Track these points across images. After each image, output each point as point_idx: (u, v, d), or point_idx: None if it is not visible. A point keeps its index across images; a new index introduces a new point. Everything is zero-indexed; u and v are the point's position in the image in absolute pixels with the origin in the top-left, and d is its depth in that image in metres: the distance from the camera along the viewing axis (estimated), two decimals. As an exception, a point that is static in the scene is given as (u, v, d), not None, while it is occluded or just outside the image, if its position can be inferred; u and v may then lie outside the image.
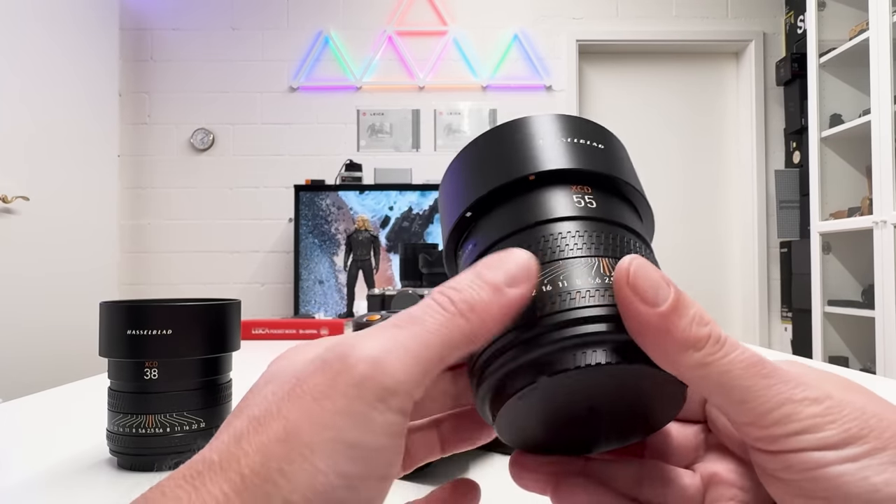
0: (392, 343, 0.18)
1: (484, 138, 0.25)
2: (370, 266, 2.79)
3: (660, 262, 0.22)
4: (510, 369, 0.19)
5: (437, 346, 0.18)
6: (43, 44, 2.32)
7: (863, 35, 2.30)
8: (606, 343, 0.19)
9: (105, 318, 0.44)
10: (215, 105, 3.17)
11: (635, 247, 0.22)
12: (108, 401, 0.45)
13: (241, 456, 0.17)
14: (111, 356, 0.44)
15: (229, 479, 0.16)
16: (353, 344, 0.18)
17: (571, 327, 0.19)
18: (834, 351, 2.55)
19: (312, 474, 0.16)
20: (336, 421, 0.17)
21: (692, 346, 0.18)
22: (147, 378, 0.43)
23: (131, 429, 0.43)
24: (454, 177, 0.25)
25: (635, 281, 0.19)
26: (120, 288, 3.01)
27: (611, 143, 0.25)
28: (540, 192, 0.22)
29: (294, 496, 0.16)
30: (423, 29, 3.18)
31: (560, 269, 0.20)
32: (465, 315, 0.19)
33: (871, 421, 0.18)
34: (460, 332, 0.18)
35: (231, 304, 0.47)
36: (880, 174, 2.20)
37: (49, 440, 0.54)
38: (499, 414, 0.20)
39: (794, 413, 0.18)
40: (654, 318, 0.18)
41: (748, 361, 0.18)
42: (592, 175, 0.23)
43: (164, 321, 0.43)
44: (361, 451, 0.17)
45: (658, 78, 3.33)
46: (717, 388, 0.18)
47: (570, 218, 0.21)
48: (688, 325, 0.18)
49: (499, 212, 0.23)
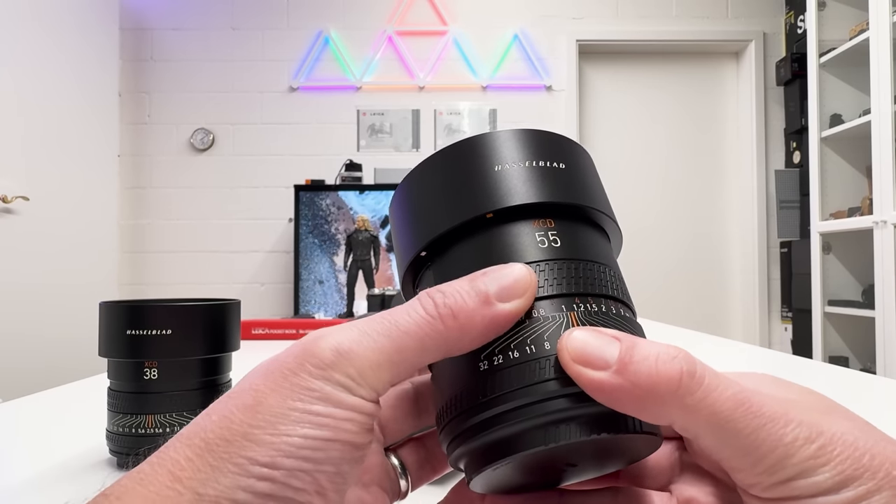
0: (362, 336, 0.18)
1: (436, 161, 0.23)
2: (370, 266, 2.79)
3: (659, 263, 0.22)
4: (483, 443, 0.19)
5: (410, 345, 0.18)
6: (43, 44, 2.32)
7: (863, 35, 2.30)
8: (576, 419, 0.18)
9: (105, 317, 0.44)
10: (215, 105, 3.17)
11: (602, 281, 0.21)
12: (107, 401, 0.45)
13: (206, 423, 0.17)
14: (111, 356, 0.44)
15: (192, 445, 0.17)
16: (327, 334, 0.18)
17: (543, 403, 0.18)
18: (834, 351, 2.55)
19: (277, 436, 0.16)
20: (302, 395, 0.17)
21: (666, 388, 0.17)
22: (147, 378, 0.43)
23: (131, 429, 0.43)
24: (406, 205, 0.24)
25: (576, 352, 0.18)
26: (120, 288, 3.01)
27: (573, 160, 0.23)
28: (499, 232, 0.21)
29: (256, 454, 0.16)
30: (423, 29, 3.18)
31: (526, 332, 0.19)
32: (445, 320, 0.18)
33: (864, 459, 0.17)
34: (437, 335, 0.18)
35: (231, 304, 0.47)
36: (880, 174, 2.20)
37: (49, 440, 0.54)
38: (472, 480, 0.20)
39: (786, 457, 0.17)
40: (612, 379, 0.17)
41: (735, 399, 0.17)
42: (555, 206, 0.22)
43: (163, 321, 0.43)
44: (329, 419, 0.17)
45: (658, 78, 3.33)
46: (706, 432, 0.17)
47: (534, 262, 0.20)
48: (652, 367, 0.17)
49: (455, 252, 0.22)
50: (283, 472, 0.16)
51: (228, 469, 0.16)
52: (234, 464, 0.16)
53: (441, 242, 0.22)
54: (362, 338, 0.18)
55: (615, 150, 3.29)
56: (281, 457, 0.16)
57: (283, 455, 0.16)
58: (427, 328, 0.18)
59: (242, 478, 0.16)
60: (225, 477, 0.16)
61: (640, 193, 3.28)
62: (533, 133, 0.23)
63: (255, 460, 0.16)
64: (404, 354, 0.18)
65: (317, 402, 0.17)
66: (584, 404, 0.18)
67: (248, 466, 0.16)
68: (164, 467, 0.16)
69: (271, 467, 0.16)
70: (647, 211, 3.26)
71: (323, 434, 0.17)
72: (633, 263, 3.13)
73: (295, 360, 0.18)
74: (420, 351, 0.18)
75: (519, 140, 0.23)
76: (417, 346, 0.18)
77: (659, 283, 3.21)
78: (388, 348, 0.18)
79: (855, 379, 0.72)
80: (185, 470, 0.16)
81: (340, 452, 0.17)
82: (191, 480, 0.16)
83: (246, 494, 0.16)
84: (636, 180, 3.28)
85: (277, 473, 0.16)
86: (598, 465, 0.22)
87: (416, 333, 0.18)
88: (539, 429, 0.18)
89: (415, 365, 0.19)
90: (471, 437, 0.19)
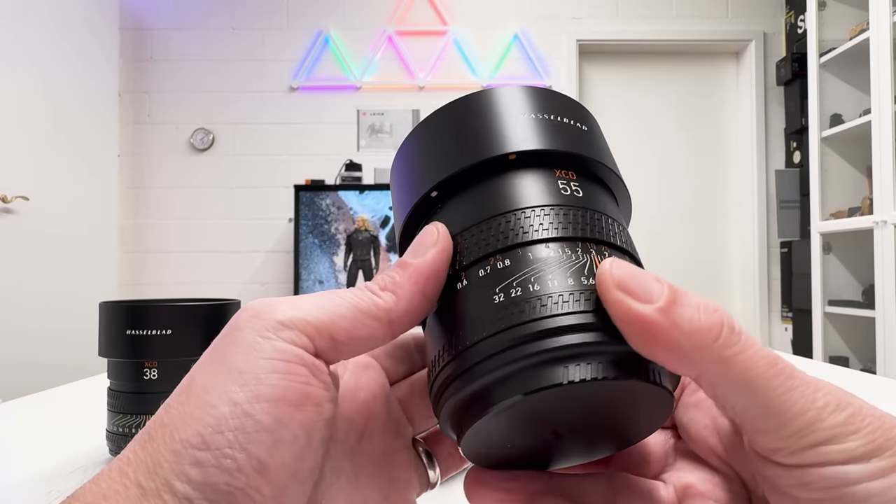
0: (299, 298, 0.19)
1: (447, 111, 0.22)
2: (370, 266, 2.79)
3: (659, 262, 0.22)
4: (482, 385, 0.17)
5: (346, 307, 0.18)
6: (42, 44, 2.32)
7: (863, 35, 2.30)
8: (596, 355, 0.16)
9: (105, 318, 0.44)
10: (215, 105, 3.17)
11: (622, 239, 0.20)
12: (107, 401, 0.45)
13: (154, 417, 0.17)
14: (111, 356, 0.44)
15: (140, 438, 0.17)
16: (264, 298, 0.19)
17: (553, 337, 0.16)
18: (834, 351, 2.55)
19: (206, 410, 0.16)
20: (227, 354, 0.17)
21: (707, 337, 0.16)
22: (147, 378, 0.43)
23: (131, 429, 0.43)
24: (411, 155, 0.22)
25: (621, 280, 0.16)
26: (120, 288, 3.01)
27: (591, 122, 0.22)
28: (520, 174, 0.20)
29: (187, 434, 0.16)
30: (423, 29, 3.18)
31: (540, 269, 0.17)
32: (376, 292, 0.19)
33: (893, 431, 0.16)
34: (371, 301, 0.19)
35: (231, 304, 0.47)
36: (880, 174, 2.20)
37: (49, 440, 0.54)
38: (467, 433, 0.18)
39: (817, 420, 0.16)
40: (654, 315, 0.16)
41: (769, 359, 0.16)
42: (577, 159, 0.21)
43: (163, 321, 0.43)
44: (250, 375, 0.16)
45: (658, 78, 3.33)
46: (739, 388, 0.16)
47: (555, 205, 0.19)
48: (695, 313, 0.16)
49: (471, 193, 0.20)
50: (215, 452, 0.15)
51: (165, 457, 0.16)
52: (170, 450, 0.16)
53: (454, 182, 0.20)
54: (297, 298, 0.19)
55: (615, 149, 3.26)
56: (210, 433, 0.15)
57: (212, 430, 0.15)
58: (361, 295, 0.19)
59: (177, 465, 0.15)
60: (162, 467, 0.15)
61: (639, 193, 3.28)
62: (557, 93, 0.22)
63: (188, 442, 0.15)
64: (339, 311, 0.18)
65: (240, 356, 0.17)
66: (608, 343, 0.16)
67: (181, 451, 0.15)
68: (116, 464, 0.16)
69: (202, 448, 0.15)
70: (647, 211, 3.26)
71: (245, 395, 0.16)
72: (633, 263, 3.12)
73: (224, 331, 0.18)
74: (356, 312, 0.19)
75: (537, 95, 0.22)
76: (352, 307, 0.19)
77: (659, 283, 3.20)
78: (322, 302, 0.18)
79: (855, 379, 0.72)
80: (131, 464, 0.16)
81: (272, 416, 0.16)
82: (136, 474, 0.16)
83: (182, 484, 0.15)
84: (636, 180, 3.28)
85: (209, 455, 0.15)
86: (588, 443, 0.20)
87: (350, 298, 0.19)
88: (551, 364, 0.16)
89: (354, 324, 0.18)
90: (466, 382, 0.17)
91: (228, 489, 0.15)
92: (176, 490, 0.15)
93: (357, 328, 0.18)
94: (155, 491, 0.15)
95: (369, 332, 0.19)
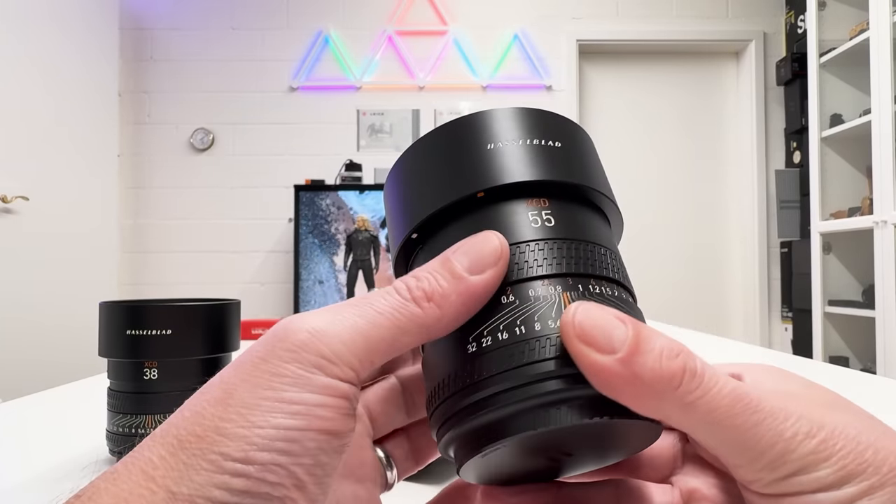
0: (336, 317, 0.18)
1: (428, 141, 0.22)
2: (370, 266, 2.79)
3: (659, 262, 0.21)
4: (473, 427, 0.18)
5: (387, 327, 0.18)
6: (42, 44, 2.32)
7: (863, 35, 2.30)
8: (572, 401, 0.17)
9: (105, 318, 0.44)
10: (215, 105, 3.17)
11: (601, 263, 0.20)
12: (107, 401, 0.45)
13: (179, 421, 0.17)
14: (111, 356, 0.44)
15: (166, 444, 0.16)
16: (297, 318, 0.18)
17: (534, 384, 0.17)
18: (834, 351, 2.55)
19: (249, 429, 0.16)
20: (273, 382, 0.17)
21: (667, 386, 0.16)
22: (147, 378, 0.43)
23: (131, 429, 0.43)
24: (397, 187, 0.23)
25: (583, 330, 0.17)
26: (120, 288, 3.01)
27: (570, 139, 0.22)
28: (490, 211, 0.20)
29: (229, 449, 0.16)
30: (423, 29, 3.18)
31: (517, 312, 0.18)
32: (420, 303, 0.18)
33: (867, 454, 0.16)
34: (412, 318, 0.18)
35: (231, 304, 0.47)
36: (880, 174, 2.20)
37: (49, 440, 0.54)
38: (462, 467, 0.19)
39: (786, 452, 0.16)
40: (615, 367, 0.16)
41: (732, 395, 0.17)
42: (548, 185, 0.21)
43: (163, 321, 0.43)
44: (301, 406, 0.16)
45: (658, 78, 3.33)
46: (703, 429, 0.17)
47: (525, 242, 0.19)
48: (656, 361, 0.16)
49: (446, 234, 0.21)
50: (258, 466, 0.16)
51: (202, 466, 0.15)
52: (207, 461, 0.16)
53: (432, 224, 0.21)
54: (335, 317, 0.18)
55: (615, 149, 3.29)
56: (255, 451, 0.16)
57: (257, 449, 0.16)
58: (403, 311, 0.18)
59: (217, 475, 0.15)
60: (198, 474, 0.15)
61: (639, 193, 3.28)
62: (528, 111, 0.22)
63: (229, 455, 0.16)
64: (380, 333, 0.18)
65: (288, 388, 0.17)
66: (579, 386, 0.17)
67: (221, 462, 0.15)
68: (137, 466, 0.16)
69: (245, 462, 0.15)
70: (647, 211, 3.26)
71: (296, 423, 0.16)
72: (632, 263, 3.12)
73: (265, 348, 0.17)
74: (396, 331, 0.18)
75: (513, 118, 0.22)
76: (392, 326, 0.18)
77: (659, 282, 3.21)
78: (363, 327, 0.18)
79: (855, 379, 0.72)
80: (158, 468, 0.16)
81: (317, 442, 0.16)
82: (164, 479, 0.16)
83: (221, 492, 0.15)
84: (636, 180, 3.28)
85: (252, 469, 0.15)
86: (596, 456, 0.21)
87: (391, 315, 0.18)
88: (531, 411, 0.17)
89: (392, 345, 0.18)
90: (460, 420, 0.18)
91: (267, 498, 0.16)
92: (214, 497, 0.15)
93: (394, 350, 0.19)
94: (188, 497, 0.15)
95: (403, 349, 0.19)
